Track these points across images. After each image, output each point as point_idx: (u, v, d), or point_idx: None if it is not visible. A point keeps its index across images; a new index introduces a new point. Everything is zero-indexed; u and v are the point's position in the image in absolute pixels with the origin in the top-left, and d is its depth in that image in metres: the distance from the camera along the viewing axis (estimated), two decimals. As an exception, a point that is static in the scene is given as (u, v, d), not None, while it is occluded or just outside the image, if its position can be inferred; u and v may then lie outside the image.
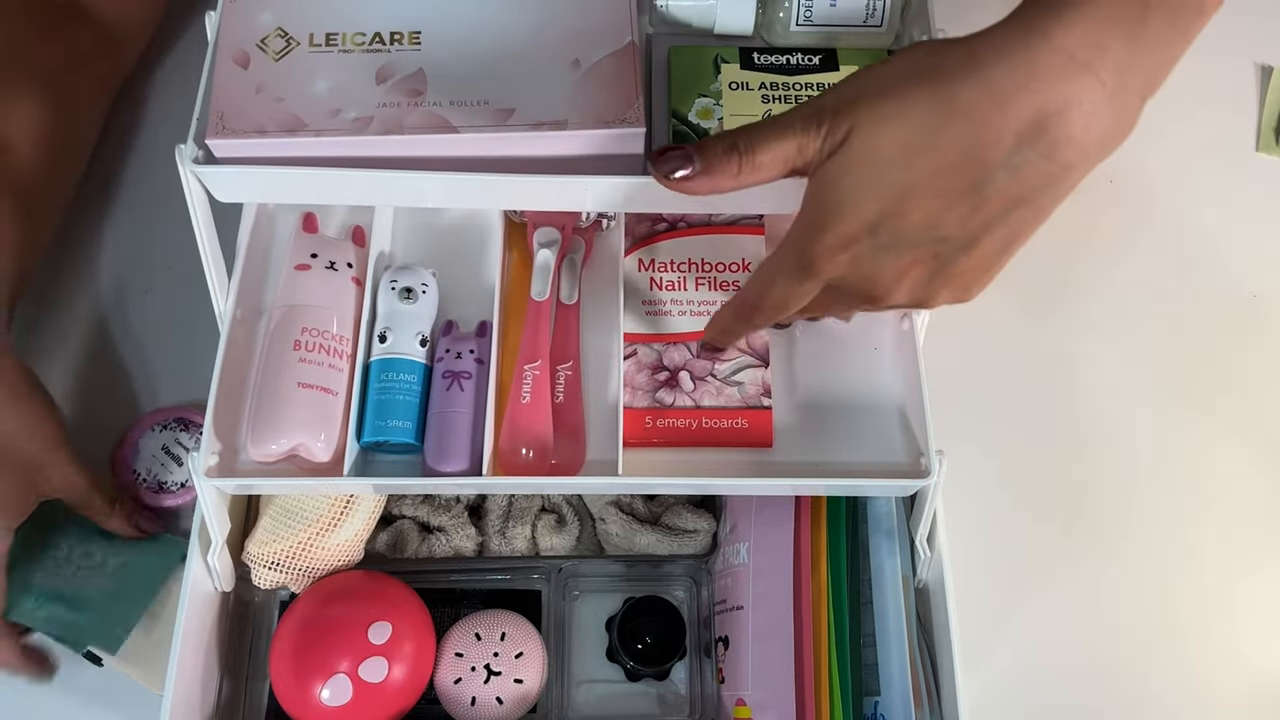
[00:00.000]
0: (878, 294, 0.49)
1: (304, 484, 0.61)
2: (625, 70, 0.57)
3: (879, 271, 0.47)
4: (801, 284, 0.49)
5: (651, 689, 0.67)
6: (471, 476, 0.59)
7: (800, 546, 0.63)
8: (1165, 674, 0.69)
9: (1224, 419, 0.75)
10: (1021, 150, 0.43)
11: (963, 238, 0.46)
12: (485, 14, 0.58)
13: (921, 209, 0.45)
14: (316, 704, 0.60)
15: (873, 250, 0.47)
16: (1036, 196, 0.45)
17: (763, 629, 0.62)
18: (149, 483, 0.70)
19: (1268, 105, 0.84)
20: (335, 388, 0.60)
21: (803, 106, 0.47)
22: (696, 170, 0.49)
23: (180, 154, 0.53)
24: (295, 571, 0.63)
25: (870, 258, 0.47)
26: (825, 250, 0.47)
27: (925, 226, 0.45)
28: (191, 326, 0.72)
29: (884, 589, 0.63)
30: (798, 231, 0.48)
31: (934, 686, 0.61)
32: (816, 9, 0.61)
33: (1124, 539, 0.72)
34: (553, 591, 0.67)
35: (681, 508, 0.68)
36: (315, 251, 0.63)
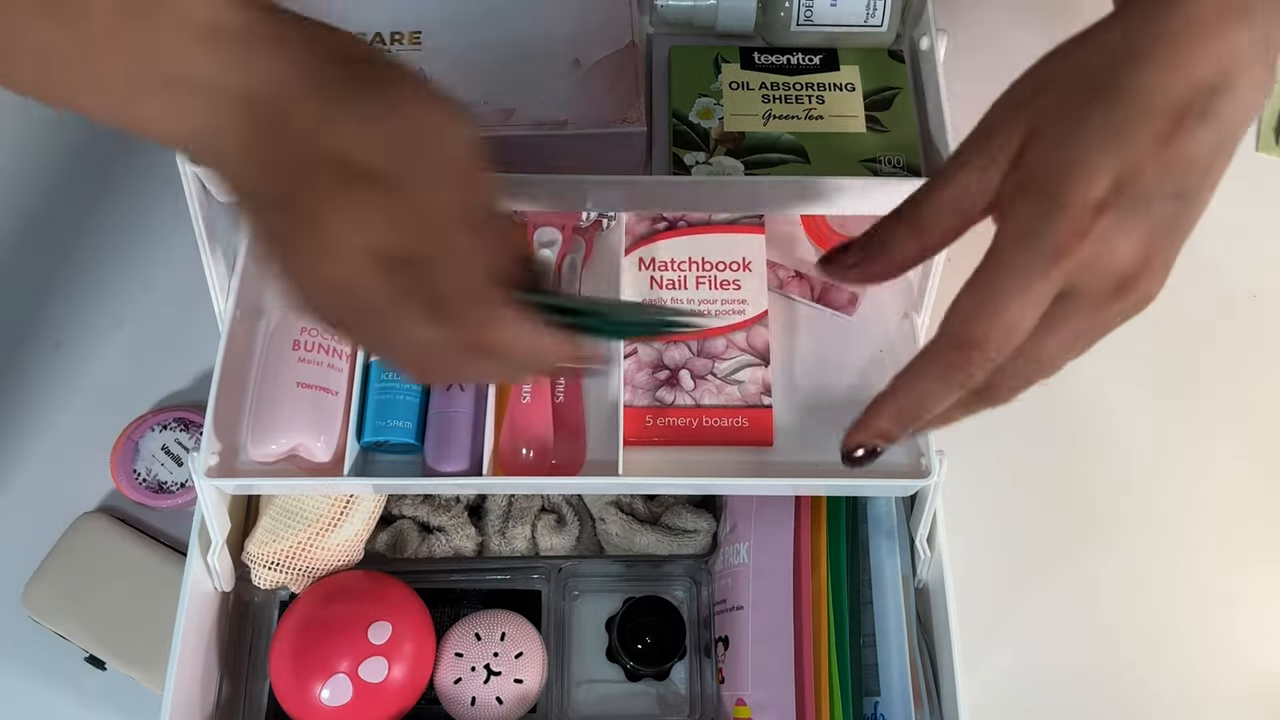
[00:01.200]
0: (1132, 271, 0.41)
1: (304, 484, 0.61)
2: (626, 70, 0.57)
3: (1134, 239, 0.40)
4: (1044, 281, 0.40)
5: (651, 689, 0.67)
6: (471, 476, 0.59)
7: (800, 546, 0.63)
8: (1165, 674, 0.69)
9: (1224, 419, 0.75)
10: (1212, 96, 0.40)
11: (1192, 189, 0.40)
12: (486, 14, 0.59)
13: (1156, 158, 0.39)
14: (316, 704, 0.60)
15: (1121, 215, 0.40)
16: (1227, 146, 0.41)
17: (763, 629, 0.62)
18: (149, 483, 0.70)
19: (1268, 105, 0.84)
20: (335, 387, 0.60)
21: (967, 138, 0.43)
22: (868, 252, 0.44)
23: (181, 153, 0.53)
24: (295, 571, 0.63)
25: (1123, 222, 0.40)
26: (1070, 229, 0.39)
27: (1162, 179, 0.40)
28: (191, 326, 0.72)
29: (884, 589, 0.63)
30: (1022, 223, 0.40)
31: (934, 686, 0.61)
32: (817, 9, 0.61)
33: (1124, 539, 0.72)
34: (553, 591, 0.67)
35: (681, 508, 0.68)
36: (315, 251, 0.63)
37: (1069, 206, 0.39)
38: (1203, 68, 0.40)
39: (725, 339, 0.63)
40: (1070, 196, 0.39)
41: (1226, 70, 0.40)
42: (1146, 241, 0.40)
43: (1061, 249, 0.40)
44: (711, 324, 0.64)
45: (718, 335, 0.63)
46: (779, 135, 0.59)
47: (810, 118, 0.60)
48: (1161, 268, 0.41)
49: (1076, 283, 0.41)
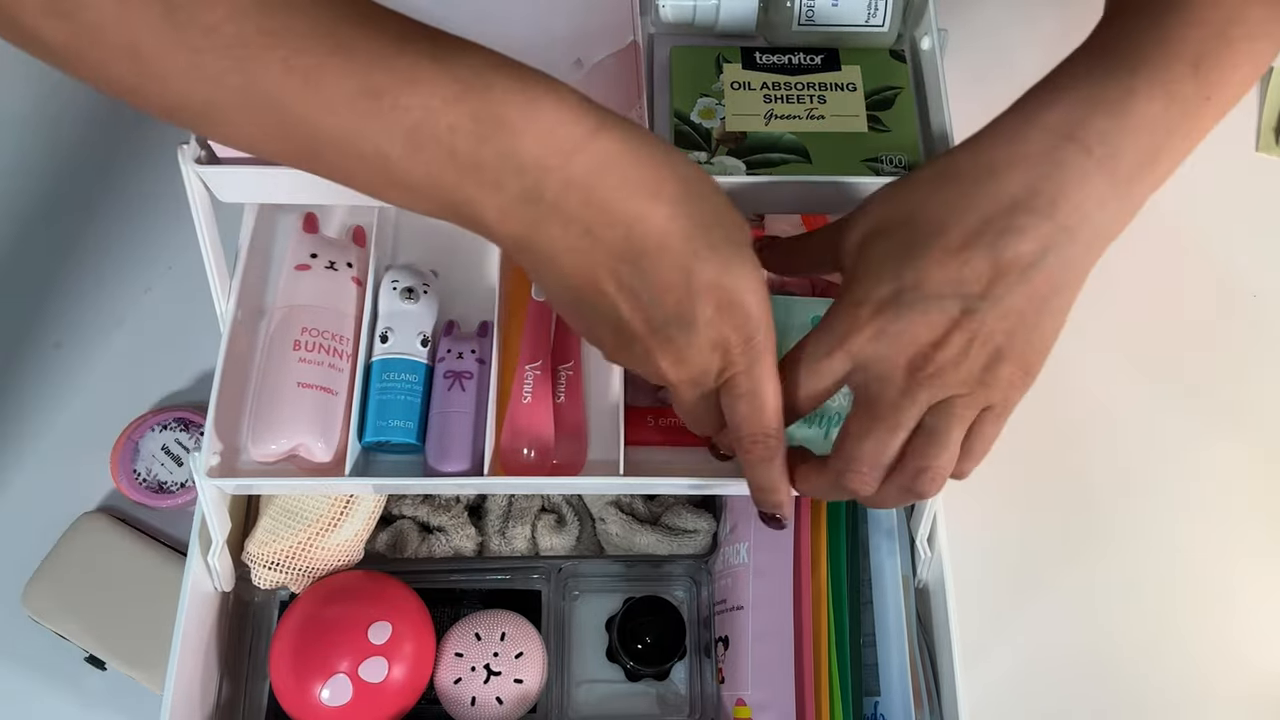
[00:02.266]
0: (916, 355, 0.47)
1: (304, 484, 0.61)
2: (627, 70, 0.57)
3: (912, 331, 0.47)
4: (829, 356, 0.48)
5: (651, 689, 0.67)
6: (472, 476, 0.59)
7: (800, 546, 0.63)
8: (1165, 673, 0.69)
9: (1224, 418, 0.75)
10: (1018, 214, 0.46)
11: (988, 302, 0.46)
12: (487, 14, 0.58)
13: (940, 269, 0.46)
14: (316, 704, 0.60)
15: (899, 310, 0.47)
16: (1049, 261, 0.46)
17: (763, 629, 0.62)
18: (149, 483, 0.70)
19: (1268, 105, 0.84)
20: (336, 388, 0.60)
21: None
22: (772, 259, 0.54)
23: (182, 153, 0.53)
24: (295, 571, 0.63)
25: (900, 318, 0.47)
26: (853, 318, 0.48)
27: (945, 285, 0.46)
28: (191, 326, 0.72)
29: (884, 589, 0.63)
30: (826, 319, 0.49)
31: (934, 686, 0.61)
32: (818, 9, 0.61)
33: (1123, 539, 0.72)
34: (553, 591, 0.67)
35: (681, 508, 0.68)
36: (315, 251, 0.63)
37: (853, 305, 0.48)
38: (1004, 193, 0.46)
39: (726, 339, 0.63)
40: (856, 295, 0.48)
41: (1037, 194, 0.46)
42: (930, 328, 0.47)
43: (842, 336, 0.48)
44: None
45: (718, 335, 0.63)
46: (780, 135, 0.59)
47: (812, 117, 0.60)
48: (957, 352, 0.47)
49: (870, 371, 0.48)
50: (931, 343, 0.47)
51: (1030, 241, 0.46)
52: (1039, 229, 0.46)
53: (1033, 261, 0.46)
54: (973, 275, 0.46)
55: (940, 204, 0.47)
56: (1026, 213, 0.46)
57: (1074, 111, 0.47)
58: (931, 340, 0.47)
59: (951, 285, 0.46)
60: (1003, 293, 0.46)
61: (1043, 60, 0.50)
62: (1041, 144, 0.46)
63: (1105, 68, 0.48)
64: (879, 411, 0.48)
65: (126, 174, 0.80)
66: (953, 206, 0.47)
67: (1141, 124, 0.47)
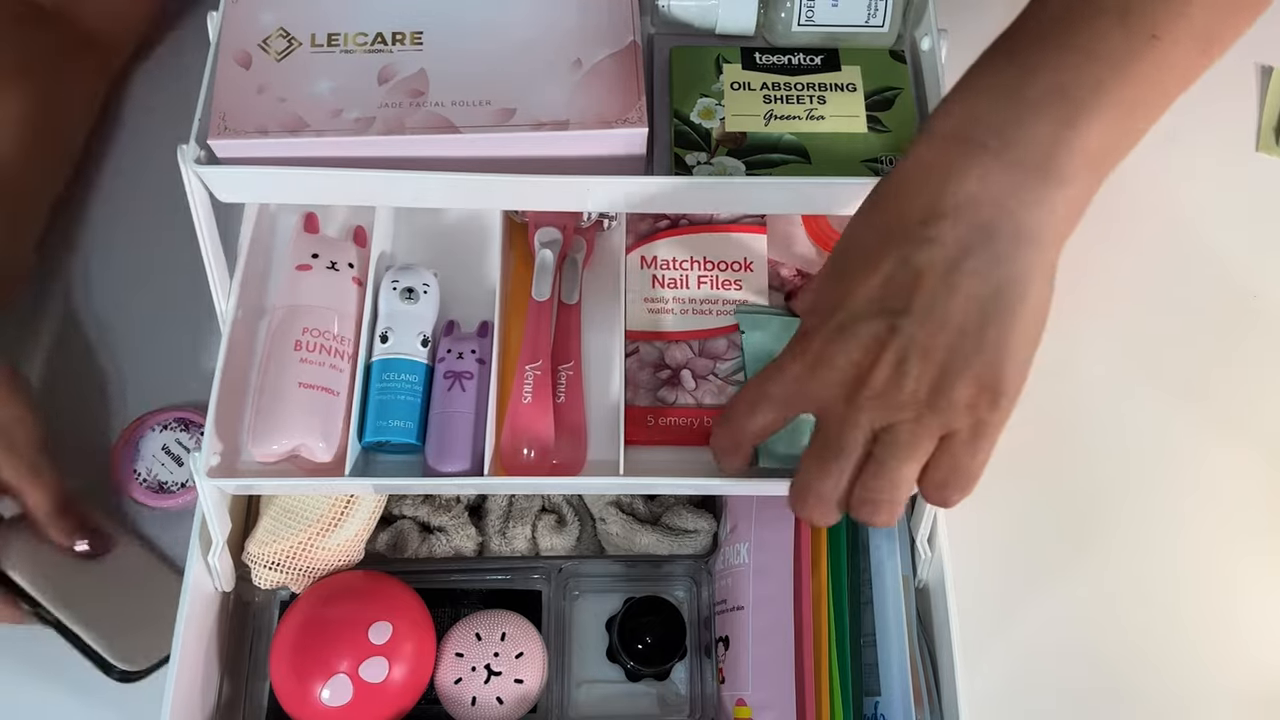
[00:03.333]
0: (852, 375, 0.47)
1: (304, 484, 0.61)
2: (627, 70, 0.57)
3: (842, 352, 0.47)
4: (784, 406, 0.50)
5: (652, 689, 0.67)
6: (472, 476, 0.59)
7: (800, 546, 0.63)
8: (1166, 673, 0.69)
9: (1224, 419, 0.75)
10: (929, 223, 0.46)
11: (913, 307, 0.46)
12: (487, 14, 0.58)
13: (860, 285, 0.47)
14: (317, 704, 0.60)
15: (828, 333, 0.47)
16: (969, 261, 0.45)
17: (763, 629, 0.62)
18: (149, 483, 0.70)
19: (1268, 105, 0.84)
20: (336, 388, 0.60)
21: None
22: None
23: (182, 154, 0.53)
24: (295, 571, 0.63)
25: (829, 339, 0.47)
26: (788, 355, 0.49)
27: (868, 300, 0.47)
28: (191, 326, 0.72)
29: (884, 589, 0.63)
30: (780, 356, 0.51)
31: (934, 686, 0.61)
32: (818, 9, 0.61)
33: (1124, 538, 0.72)
34: (553, 591, 0.67)
35: (682, 508, 0.68)
36: (316, 251, 0.63)
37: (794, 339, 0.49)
38: (913, 204, 0.47)
39: (726, 339, 0.63)
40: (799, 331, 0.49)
41: (944, 197, 0.46)
42: (860, 350, 0.47)
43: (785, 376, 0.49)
44: (713, 324, 0.64)
45: (719, 335, 0.63)
46: (780, 135, 0.59)
47: (812, 118, 0.60)
48: (892, 369, 0.46)
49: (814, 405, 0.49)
50: (863, 364, 0.46)
51: (944, 247, 0.45)
52: (951, 233, 0.45)
53: (952, 265, 0.45)
54: (893, 290, 0.46)
55: (862, 229, 0.48)
56: (936, 221, 0.46)
57: (966, 113, 0.47)
58: (862, 361, 0.46)
59: (874, 303, 0.46)
60: (928, 302, 0.45)
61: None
62: (938, 153, 0.47)
63: (1006, 54, 0.48)
64: (823, 442, 0.48)
65: (126, 173, 0.80)
66: (870, 229, 0.48)
67: (1042, 101, 0.46)
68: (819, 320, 0.48)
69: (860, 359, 0.46)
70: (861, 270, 0.47)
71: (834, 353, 0.47)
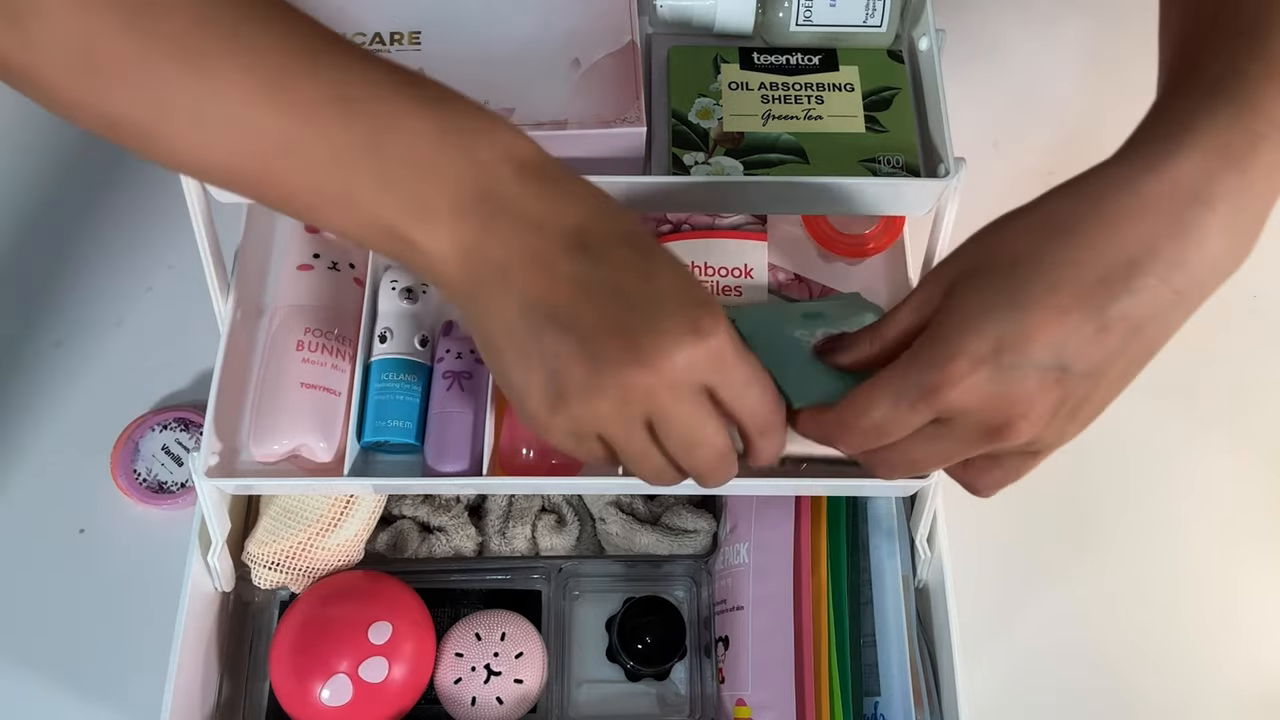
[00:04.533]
0: (1000, 422, 0.44)
1: (304, 484, 0.61)
2: (625, 70, 0.57)
3: (1005, 396, 0.44)
4: (912, 408, 0.45)
5: (651, 689, 0.67)
6: (471, 476, 0.59)
7: (800, 546, 0.63)
8: (1166, 673, 0.69)
9: (1224, 419, 0.75)
10: (1135, 275, 0.43)
11: (1088, 365, 0.44)
12: (485, 14, 0.58)
13: (1046, 329, 0.43)
14: (317, 704, 0.60)
15: (997, 372, 0.43)
16: (1152, 325, 0.44)
17: (763, 629, 0.62)
18: (149, 483, 0.70)
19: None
20: (337, 388, 0.60)
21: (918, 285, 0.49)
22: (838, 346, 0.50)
23: (180, 154, 0.53)
24: (295, 571, 0.63)
25: (995, 379, 0.43)
26: (949, 373, 0.44)
27: (1050, 347, 0.43)
28: (191, 326, 0.72)
29: (884, 589, 0.63)
30: (913, 357, 0.45)
31: (934, 686, 0.61)
32: (816, 9, 0.61)
33: (1123, 538, 0.72)
34: (553, 591, 0.67)
35: (681, 508, 0.68)
36: (318, 252, 0.63)
37: (945, 352, 0.44)
38: (1121, 250, 0.43)
39: (725, 339, 0.63)
40: (950, 349, 0.44)
41: (1157, 254, 0.43)
42: (1023, 396, 0.44)
43: (929, 389, 0.44)
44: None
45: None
46: (778, 135, 0.59)
47: (809, 118, 0.60)
48: (1041, 421, 0.45)
49: (947, 417, 0.45)
50: (1021, 412, 0.44)
51: (1142, 306, 0.43)
52: (1154, 293, 0.43)
53: (1139, 327, 0.43)
54: (1079, 340, 0.43)
55: (1049, 256, 0.44)
56: (1143, 274, 0.43)
57: (1203, 164, 0.43)
58: (1023, 409, 0.44)
59: (1055, 349, 0.43)
60: (1102, 359, 0.44)
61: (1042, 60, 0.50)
62: (1166, 199, 0.43)
63: (1227, 111, 0.43)
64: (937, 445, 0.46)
65: (126, 173, 0.80)
66: (1064, 261, 0.43)
67: (1264, 175, 0.43)
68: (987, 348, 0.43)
69: (1018, 403, 0.44)
70: (1049, 307, 0.43)
71: (998, 393, 0.44)
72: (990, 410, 0.44)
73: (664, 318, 0.43)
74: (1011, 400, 0.44)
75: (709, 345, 0.43)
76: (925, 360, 0.45)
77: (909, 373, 0.45)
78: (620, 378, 0.43)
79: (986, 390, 0.44)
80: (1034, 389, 0.44)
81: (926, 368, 0.44)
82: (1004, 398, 0.44)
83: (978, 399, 0.44)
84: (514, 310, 0.43)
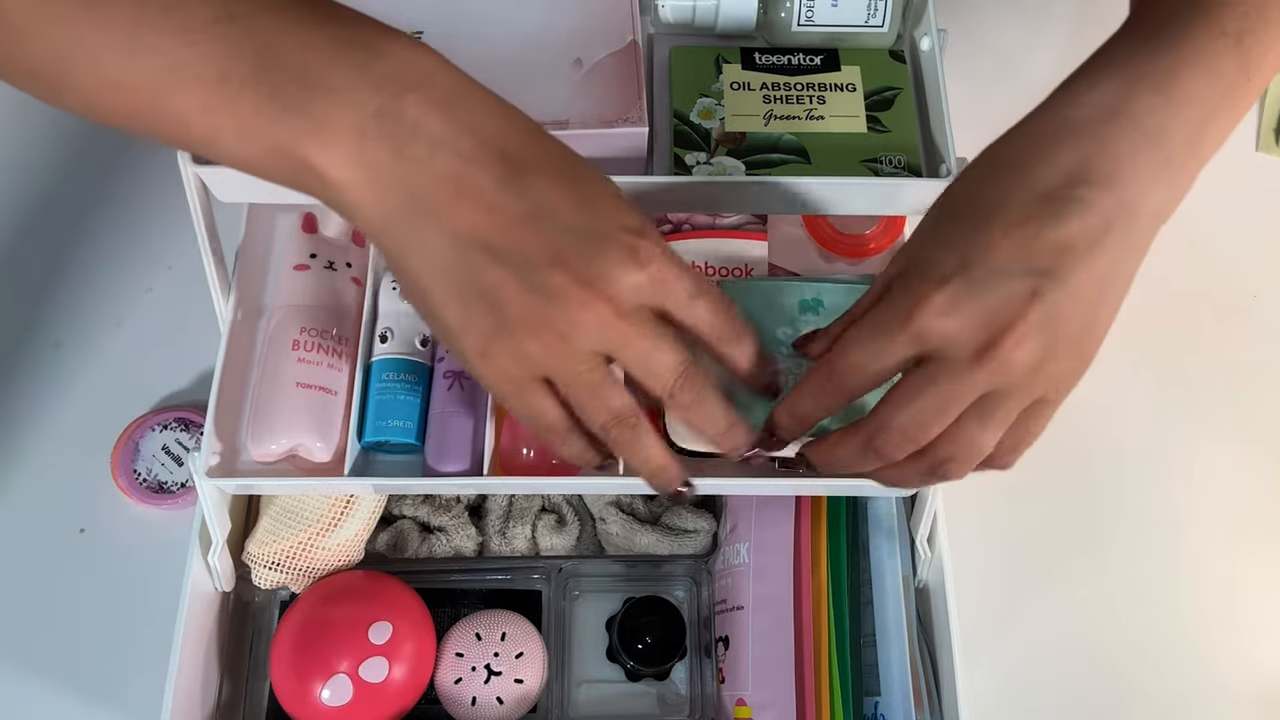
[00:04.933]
0: (986, 339, 0.44)
1: (304, 484, 0.61)
2: (627, 70, 0.57)
3: (984, 309, 0.44)
4: (891, 339, 0.45)
5: (651, 689, 0.67)
6: (472, 476, 0.59)
7: (800, 546, 0.63)
8: (1166, 673, 0.69)
9: (1224, 418, 0.75)
10: (1076, 186, 0.44)
11: (1057, 277, 0.44)
12: (486, 14, 0.58)
13: (1006, 238, 0.44)
14: (317, 704, 0.60)
15: (968, 286, 0.44)
16: (1111, 236, 0.44)
17: (763, 629, 0.62)
18: (149, 483, 0.70)
19: (1268, 105, 0.84)
20: (335, 387, 0.60)
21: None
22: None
23: (181, 153, 0.53)
24: (295, 571, 0.63)
25: (969, 294, 0.44)
26: (920, 295, 0.44)
27: (1013, 256, 0.44)
28: (191, 326, 0.72)
29: (884, 589, 0.63)
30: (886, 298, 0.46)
31: (934, 686, 0.61)
32: (818, 9, 0.61)
33: (1124, 538, 0.72)
34: (553, 591, 0.67)
35: (682, 508, 0.68)
36: (314, 251, 0.63)
37: (914, 278, 0.45)
38: (1058, 167, 0.45)
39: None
40: (920, 270, 0.45)
41: (1090, 166, 0.44)
42: (999, 311, 0.44)
43: (904, 314, 0.44)
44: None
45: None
46: (780, 135, 0.59)
47: (811, 118, 0.60)
48: (1027, 339, 0.44)
49: (933, 349, 0.45)
50: (1003, 327, 0.44)
51: (1093, 215, 0.44)
52: (1099, 202, 0.44)
53: (1097, 238, 0.44)
54: (1040, 250, 0.44)
55: (997, 185, 0.45)
56: (1085, 185, 0.44)
57: (1119, 88, 0.45)
58: (1003, 324, 0.44)
59: (1020, 260, 0.44)
60: (1069, 271, 0.44)
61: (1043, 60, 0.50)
62: (1089, 116, 0.45)
63: (1149, 47, 0.46)
64: (932, 388, 0.45)
65: (127, 174, 0.80)
66: (1010, 184, 0.45)
67: (1186, 100, 0.45)
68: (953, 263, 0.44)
69: (996, 318, 0.44)
70: (1005, 223, 0.44)
71: (976, 308, 0.44)
72: (973, 329, 0.44)
73: (604, 245, 0.42)
74: (991, 311, 0.44)
75: (650, 271, 0.43)
76: (897, 294, 0.45)
77: (883, 309, 0.46)
78: (566, 310, 0.42)
79: (964, 309, 0.44)
80: (1010, 298, 0.44)
81: (899, 298, 0.45)
82: (983, 311, 0.44)
83: (958, 320, 0.44)
84: (444, 244, 0.42)
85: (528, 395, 0.45)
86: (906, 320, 0.44)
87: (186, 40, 0.40)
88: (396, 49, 0.41)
